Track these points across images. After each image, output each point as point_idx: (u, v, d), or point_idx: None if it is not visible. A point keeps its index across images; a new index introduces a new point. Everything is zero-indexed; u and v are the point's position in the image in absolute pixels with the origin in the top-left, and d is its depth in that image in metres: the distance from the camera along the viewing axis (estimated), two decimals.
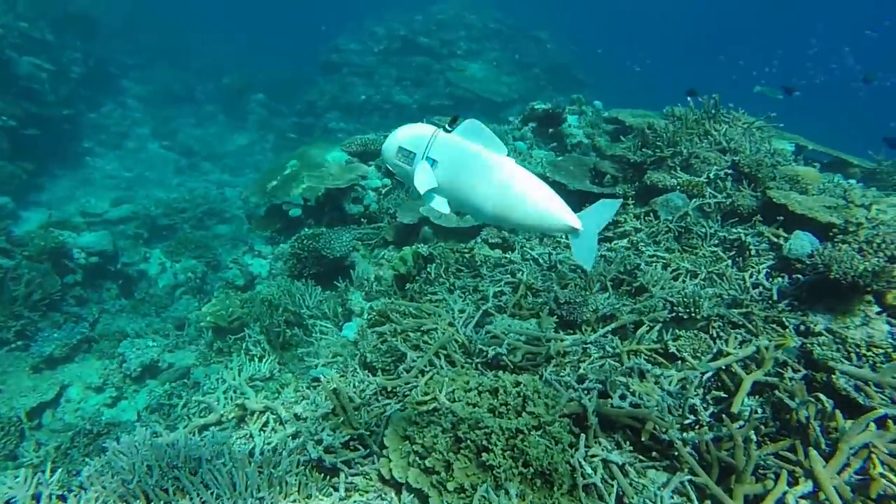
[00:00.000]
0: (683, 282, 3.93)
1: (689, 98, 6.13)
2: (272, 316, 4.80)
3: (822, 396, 2.58)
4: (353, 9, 21.67)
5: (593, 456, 2.58)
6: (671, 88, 7.33)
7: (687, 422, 2.77)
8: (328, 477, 2.62)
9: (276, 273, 5.85)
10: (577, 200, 4.04)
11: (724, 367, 2.99)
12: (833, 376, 2.78)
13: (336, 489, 2.54)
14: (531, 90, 16.60)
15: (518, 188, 2.65)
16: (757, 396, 2.82)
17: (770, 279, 3.74)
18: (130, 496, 2.19)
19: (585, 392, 2.84)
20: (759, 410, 2.71)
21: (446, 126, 2.68)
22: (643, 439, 2.71)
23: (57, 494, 2.36)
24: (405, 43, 17.40)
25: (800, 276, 3.57)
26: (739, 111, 5.95)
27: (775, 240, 4.07)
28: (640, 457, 2.69)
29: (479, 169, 2.64)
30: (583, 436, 2.64)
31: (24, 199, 11.08)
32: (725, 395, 2.88)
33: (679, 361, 3.18)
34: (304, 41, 23.49)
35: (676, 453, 2.53)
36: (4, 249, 7.76)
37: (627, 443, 2.69)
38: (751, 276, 3.81)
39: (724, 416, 2.70)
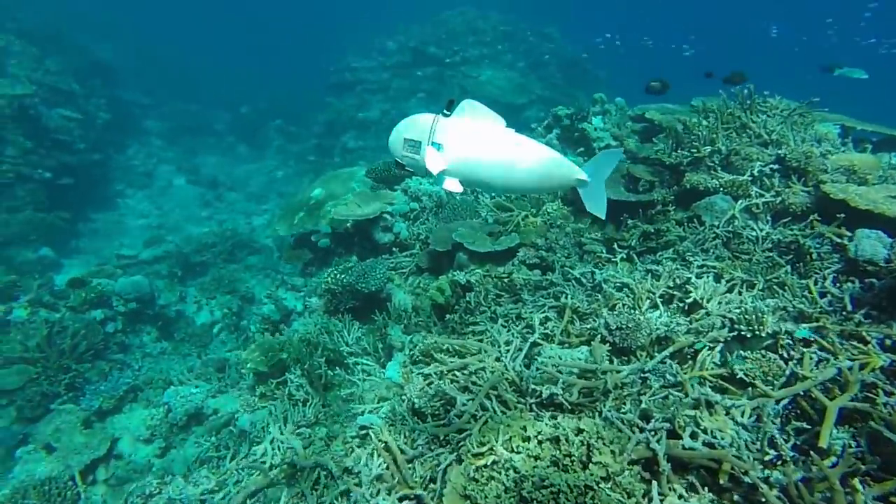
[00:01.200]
0: (739, 293, 3.68)
1: (719, 88, 5.83)
2: (312, 356, 4.72)
3: None
4: (359, 26, 21.80)
5: None
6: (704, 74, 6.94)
7: (768, 458, 2.55)
8: None
9: (312, 309, 5.79)
10: (612, 209, 3.80)
11: (801, 393, 2.74)
12: None
13: None
14: (547, 88, 16.35)
15: (522, 155, 2.83)
16: (846, 427, 2.56)
17: (838, 285, 3.46)
18: None
19: (653, 433, 2.64)
20: (853, 443, 2.46)
21: (444, 111, 2.85)
22: (721, 481, 2.49)
23: None
24: (416, 54, 17.34)
25: (874, 280, 3.28)
26: (776, 97, 5.62)
27: (838, 240, 3.78)
28: (720, 500, 2.47)
29: (483, 144, 2.81)
30: (654, 483, 2.45)
31: (65, 248, 11.41)
32: (808, 426, 2.64)
33: (749, 388, 2.95)
34: (311, 62, 23.76)
35: (763, 500, 2.31)
36: (48, 303, 7.95)
37: (706, 489, 2.48)
38: (815, 284, 3.53)
39: (811, 451, 2.47)
